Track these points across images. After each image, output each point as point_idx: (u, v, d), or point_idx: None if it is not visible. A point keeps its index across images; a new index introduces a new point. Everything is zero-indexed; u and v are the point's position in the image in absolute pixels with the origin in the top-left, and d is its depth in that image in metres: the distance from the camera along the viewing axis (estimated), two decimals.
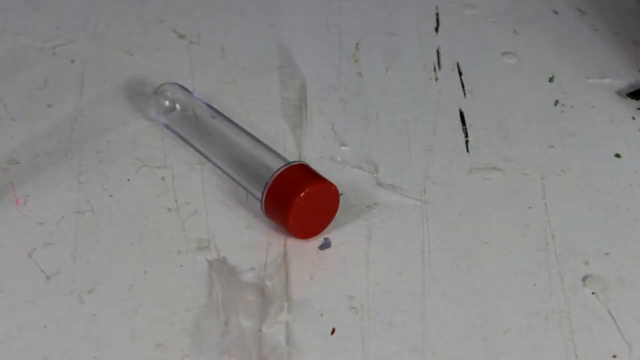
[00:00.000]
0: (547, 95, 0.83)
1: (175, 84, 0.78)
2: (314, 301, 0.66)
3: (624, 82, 0.84)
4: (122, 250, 0.69)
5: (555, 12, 0.92)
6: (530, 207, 0.73)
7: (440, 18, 0.90)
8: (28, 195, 0.72)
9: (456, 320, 0.65)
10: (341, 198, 0.71)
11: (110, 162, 0.75)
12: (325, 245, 0.69)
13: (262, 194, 0.68)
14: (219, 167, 0.73)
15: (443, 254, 0.69)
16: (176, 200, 0.72)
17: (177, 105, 0.76)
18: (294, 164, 0.69)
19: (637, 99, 0.82)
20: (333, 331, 0.64)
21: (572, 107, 0.82)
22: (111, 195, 0.72)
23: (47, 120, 0.78)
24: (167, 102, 0.76)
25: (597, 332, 0.65)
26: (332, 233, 0.70)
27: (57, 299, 0.65)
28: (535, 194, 0.74)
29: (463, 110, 0.81)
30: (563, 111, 0.81)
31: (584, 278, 0.68)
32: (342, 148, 0.77)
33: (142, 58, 0.85)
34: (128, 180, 0.74)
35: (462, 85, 0.83)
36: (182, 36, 0.87)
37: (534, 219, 0.72)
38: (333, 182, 0.69)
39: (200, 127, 0.74)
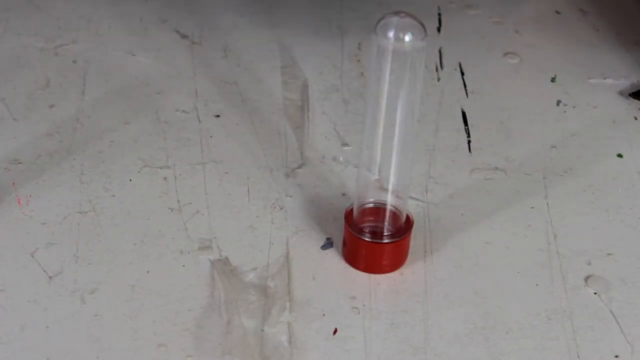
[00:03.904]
0: (549, 96, 0.83)
1: None
2: (316, 301, 0.66)
3: (626, 82, 0.84)
4: (124, 250, 0.69)
5: (558, 13, 0.92)
6: (532, 207, 0.73)
7: (443, 18, 0.90)
8: (30, 196, 0.72)
9: (458, 320, 0.65)
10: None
11: (112, 162, 0.75)
12: (327, 245, 0.69)
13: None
14: None
15: (445, 254, 0.69)
16: (178, 201, 0.72)
17: None
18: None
19: (639, 99, 0.82)
20: (335, 331, 0.64)
21: (574, 107, 0.82)
22: (113, 196, 0.72)
23: (49, 120, 0.78)
24: None
25: (599, 332, 0.65)
26: (334, 233, 0.70)
27: (59, 299, 0.66)
28: (537, 194, 0.74)
29: (465, 110, 0.81)
30: (565, 111, 0.81)
31: (586, 278, 0.68)
32: (344, 148, 0.77)
33: (144, 58, 0.85)
34: (130, 180, 0.74)
35: (464, 86, 0.83)
36: (184, 36, 0.87)
37: (536, 219, 0.72)
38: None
39: None
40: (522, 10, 0.92)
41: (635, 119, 0.81)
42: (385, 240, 0.67)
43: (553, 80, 0.84)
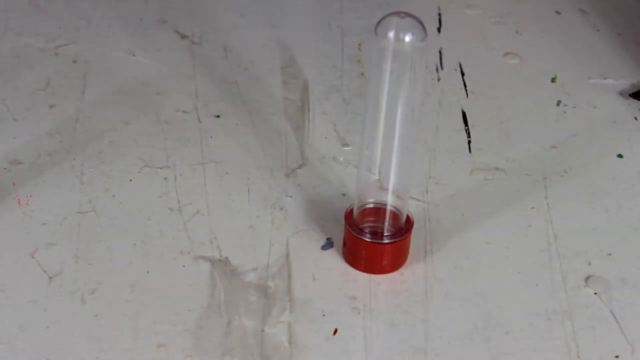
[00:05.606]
0: (550, 96, 0.83)
1: None
2: (316, 301, 0.66)
3: (626, 82, 0.84)
4: (124, 250, 0.69)
5: (558, 13, 0.92)
6: (532, 208, 0.73)
7: (443, 18, 0.90)
8: (30, 196, 0.72)
9: (458, 320, 0.65)
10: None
11: (112, 163, 0.75)
12: (327, 245, 0.69)
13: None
14: None
15: (445, 255, 0.69)
16: (178, 201, 0.72)
17: None
18: None
19: (639, 99, 0.82)
20: (335, 331, 0.64)
21: (574, 107, 0.82)
22: (113, 196, 0.72)
23: (50, 120, 0.78)
24: None
25: (600, 332, 0.65)
26: (334, 233, 0.70)
27: (59, 299, 0.66)
28: (537, 194, 0.74)
29: (465, 110, 0.81)
30: (565, 111, 0.81)
31: (587, 278, 0.68)
32: (345, 148, 0.77)
33: (144, 58, 0.85)
34: (130, 180, 0.74)
35: (465, 86, 0.83)
36: (184, 37, 0.87)
37: (536, 220, 0.72)
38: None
39: None
40: (522, 10, 0.92)
41: (635, 119, 0.81)
42: (386, 241, 0.67)
43: (553, 80, 0.84)
